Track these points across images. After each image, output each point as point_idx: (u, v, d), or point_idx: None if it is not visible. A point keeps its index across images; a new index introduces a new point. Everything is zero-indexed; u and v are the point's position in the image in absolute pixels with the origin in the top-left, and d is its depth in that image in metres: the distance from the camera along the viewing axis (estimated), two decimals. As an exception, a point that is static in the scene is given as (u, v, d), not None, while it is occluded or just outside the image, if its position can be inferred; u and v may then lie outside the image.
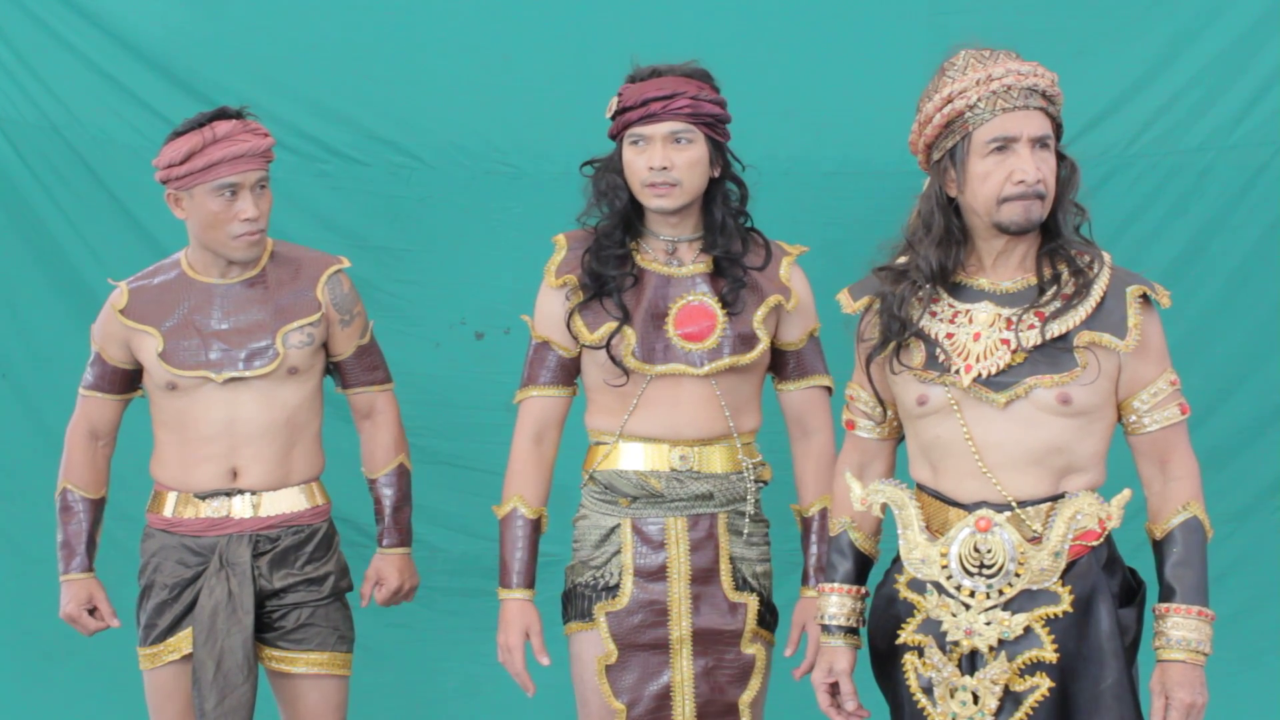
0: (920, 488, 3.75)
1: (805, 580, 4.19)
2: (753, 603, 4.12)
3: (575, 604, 4.16)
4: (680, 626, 4.09)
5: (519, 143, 5.27)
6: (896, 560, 3.76)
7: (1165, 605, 3.63)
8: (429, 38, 5.29)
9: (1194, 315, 5.13)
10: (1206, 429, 5.04)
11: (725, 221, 4.12)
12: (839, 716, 3.87)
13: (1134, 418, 3.69)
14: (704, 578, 4.10)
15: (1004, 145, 3.58)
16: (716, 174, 4.11)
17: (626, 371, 4.09)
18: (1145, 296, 3.66)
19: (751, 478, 4.16)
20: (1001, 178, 3.59)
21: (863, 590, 3.89)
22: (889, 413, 3.85)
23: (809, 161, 5.17)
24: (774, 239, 4.20)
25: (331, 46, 5.30)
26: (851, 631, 3.87)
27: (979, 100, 3.58)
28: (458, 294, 5.34)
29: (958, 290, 3.72)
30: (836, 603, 3.87)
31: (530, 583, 4.16)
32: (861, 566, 3.90)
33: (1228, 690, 5.03)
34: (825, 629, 3.88)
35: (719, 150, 4.10)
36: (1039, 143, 3.59)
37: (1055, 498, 3.63)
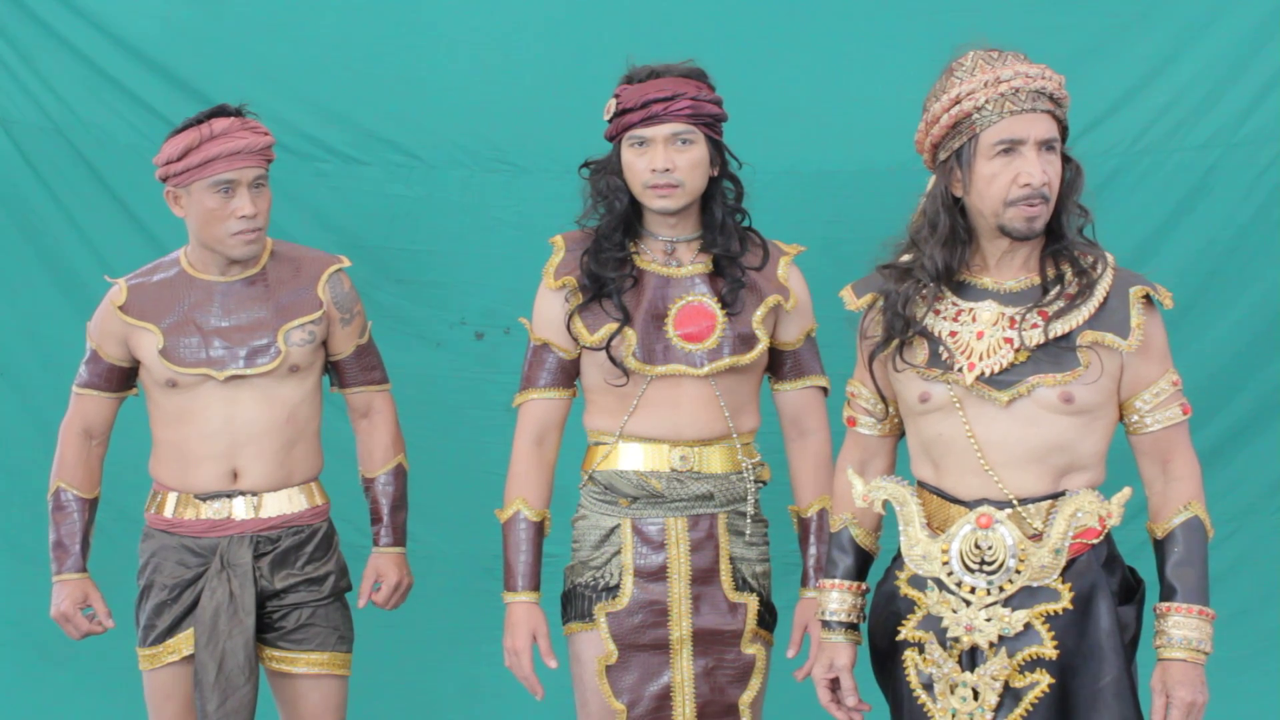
0: (921, 485, 3.75)
1: (805, 581, 4.19)
2: (752, 603, 4.12)
3: (575, 604, 4.16)
4: (680, 627, 4.09)
5: (519, 142, 5.26)
6: (897, 557, 3.76)
7: (1166, 604, 3.64)
8: (428, 36, 5.28)
9: (1199, 314, 5.12)
10: (1209, 428, 5.06)
11: (725, 221, 4.13)
12: (839, 712, 3.88)
13: (1136, 417, 3.69)
14: (704, 578, 4.10)
15: (1011, 148, 3.59)
16: (715, 173, 4.11)
17: (627, 372, 4.09)
18: (1148, 297, 3.66)
19: (751, 478, 4.15)
20: (1007, 180, 3.59)
21: (863, 586, 3.89)
22: (890, 409, 3.85)
23: (811, 160, 5.16)
24: (776, 238, 4.20)
25: (330, 45, 5.29)
26: (852, 627, 3.87)
27: (987, 102, 3.58)
28: (457, 294, 5.33)
29: (961, 289, 3.72)
30: (837, 598, 3.87)
31: (535, 585, 4.16)
32: (862, 563, 3.90)
33: (1228, 690, 5.00)
34: (826, 624, 3.88)
35: (718, 149, 4.10)
36: (1045, 145, 3.60)
37: (1056, 495, 3.64)
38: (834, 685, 3.88)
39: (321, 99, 5.29)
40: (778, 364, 4.22)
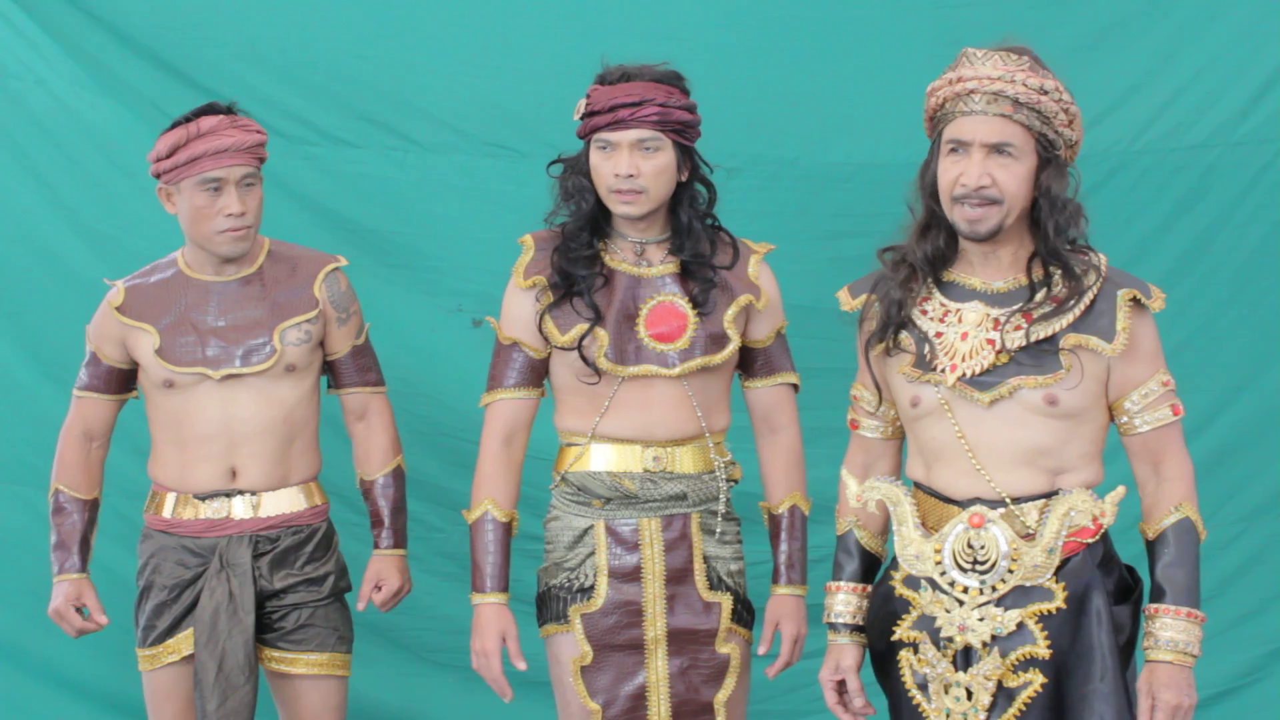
0: (916, 485, 3.76)
1: (776, 578, 4.19)
2: (727, 601, 4.11)
3: (550, 606, 4.14)
4: (655, 627, 4.08)
5: (517, 126, 5.22)
6: (893, 558, 3.77)
7: (1155, 606, 3.64)
8: (423, 16, 5.24)
9: (1198, 314, 5.13)
10: (1213, 431, 5.09)
11: (692, 224, 4.11)
12: (845, 715, 3.87)
13: (1125, 419, 3.69)
14: (678, 578, 4.10)
15: (957, 148, 3.61)
16: (684, 178, 4.10)
17: (599, 372, 4.09)
18: (1136, 299, 3.66)
19: (723, 477, 4.16)
20: (953, 178, 3.62)
21: (869, 589, 3.89)
22: (893, 411, 3.85)
23: (814, 153, 5.15)
24: (778, 230, 4.21)
25: (323, 26, 5.24)
26: (858, 629, 3.87)
27: (946, 100, 3.63)
28: (453, 280, 5.28)
29: (950, 289, 3.73)
30: (843, 600, 3.88)
31: (504, 586, 4.13)
32: (869, 565, 3.90)
33: (1233, 693, 5.09)
34: (832, 626, 3.88)
35: (686, 155, 4.09)
36: (995, 149, 3.60)
37: (1050, 495, 3.64)
38: (840, 687, 3.88)
39: (312, 79, 5.24)
40: (748, 362, 4.22)
